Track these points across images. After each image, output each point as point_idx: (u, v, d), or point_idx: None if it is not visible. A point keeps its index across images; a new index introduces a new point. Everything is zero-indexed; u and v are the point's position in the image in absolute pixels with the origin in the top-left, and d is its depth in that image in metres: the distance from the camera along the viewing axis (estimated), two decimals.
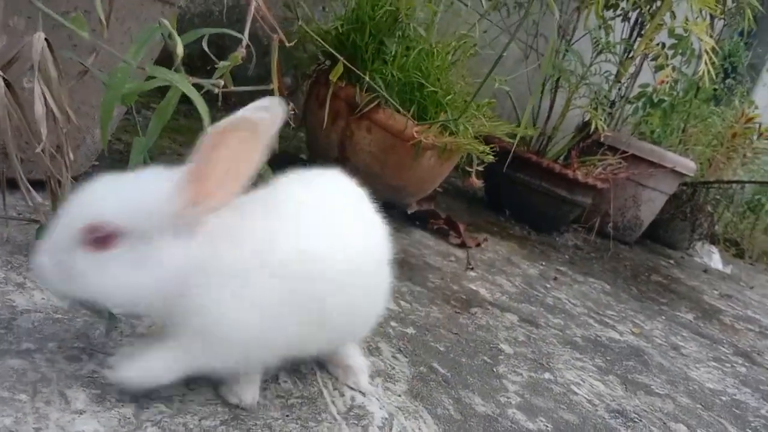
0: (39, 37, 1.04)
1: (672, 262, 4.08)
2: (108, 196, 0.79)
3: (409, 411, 1.10)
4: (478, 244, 2.44)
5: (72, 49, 1.27)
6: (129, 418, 0.83)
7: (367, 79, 2.12)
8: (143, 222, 0.77)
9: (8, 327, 0.93)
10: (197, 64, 1.89)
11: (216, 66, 1.16)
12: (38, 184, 1.04)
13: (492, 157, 2.25)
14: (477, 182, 2.88)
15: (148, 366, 0.84)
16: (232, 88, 1.25)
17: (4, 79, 1.02)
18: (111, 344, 0.97)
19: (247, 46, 1.26)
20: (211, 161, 0.77)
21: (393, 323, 1.43)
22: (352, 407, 1.03)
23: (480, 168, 2.38)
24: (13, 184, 1.08)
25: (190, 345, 0.83)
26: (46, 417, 0.79)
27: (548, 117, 3.39)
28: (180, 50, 1.04)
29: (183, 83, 1.01)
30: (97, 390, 0.86)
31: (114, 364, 0.85)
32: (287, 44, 1.32)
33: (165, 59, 1.42)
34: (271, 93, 1.40)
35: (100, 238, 0.76)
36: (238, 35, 1.13)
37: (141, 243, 0.77)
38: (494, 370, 1.38)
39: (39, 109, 1.03)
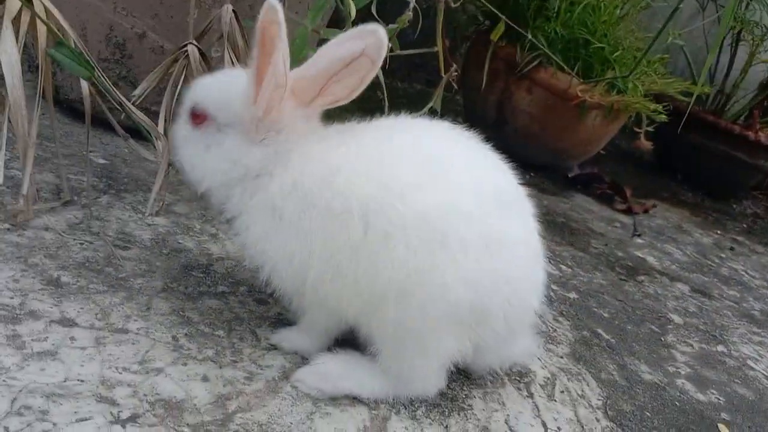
0: (227, 9, 1.14)
1: None
2: (214, 85, 0.85)
3: (572, 373, 1.09)
4: (646, 210, 2.31)
5: (253, 18, 1.37)
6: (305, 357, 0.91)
7: (529, 36, 2.06)
8: (224, 113, 0.82)
9: (206, 272, 1.05)
10: None
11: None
12: None
13: (664, 116, 2.11)
14: (646, 144, 2.71)
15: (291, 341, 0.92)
16: (398, 52, 1.28)
17: (199, 49, 1.14)
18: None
19: (413, 10, 1.28)
20: (262, 65, 0.76)
21: (554, 287, 1.41)
22: (514, 365, 1.04)
23: (650, 129, 2.24)
24: None
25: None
26: (240, 351, 0.89)
27: (727, 74, 3.08)
28: (353, 12, 1.08)
29: None
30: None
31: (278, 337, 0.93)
32: (452, 5, 1.32)
33: (335, 23, 1.48)
34: (435, 55, 1.42)
35: (196, 116, 0.84)
36: None
37: (218, 131, 0.83)
38: (662, 339, 1.32)
39: None
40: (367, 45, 0.76)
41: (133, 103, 1.09)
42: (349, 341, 0.90)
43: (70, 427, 0.67)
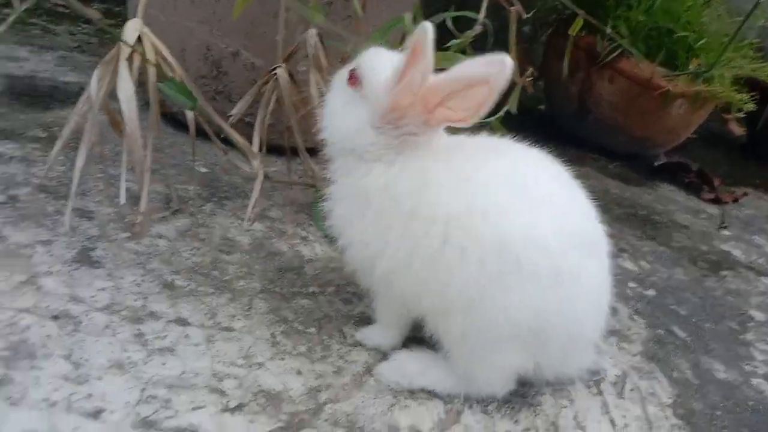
0: (312, 33, 1.24)
1: None
2: (378, 59, 0.89)
3: (644, 371, 1.13)
4: (736, 200, 2.24)
5: (333, 37, 1.46)
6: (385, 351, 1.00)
7: (608, 29, 2.05)
8: (370, 87, 0.87)
9: (298, 273, 1.16)
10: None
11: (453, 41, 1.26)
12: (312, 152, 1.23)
13: (752, 105, 2.04)
14: (737, 129, 2.61)
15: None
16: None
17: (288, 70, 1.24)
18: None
19: (486, 16, 1.33)
20: (405, 69, 0.81)
21: (632, 284, 1.44)
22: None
23: (740, 115, 2.17)
24: (294, 152, 1.31)
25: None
26: (329, 348, 0.99)
27: None
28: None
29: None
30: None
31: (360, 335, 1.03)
32: (523, 17, 1.36)
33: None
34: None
35: (353, 77, 0.90)
36: (474, 16, 1.20)
37: (360, 97, 0.89)
38: (741, 337, 1.33)
39: (314, 93, 1.23)
40: (492, 73, 0.79)
41: (229, 121, 1.21)
42: (426, 339, 0.98)
43: (189, 414, 0.80)
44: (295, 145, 1.29)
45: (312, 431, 0.82)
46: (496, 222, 0.82)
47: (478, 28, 1.30)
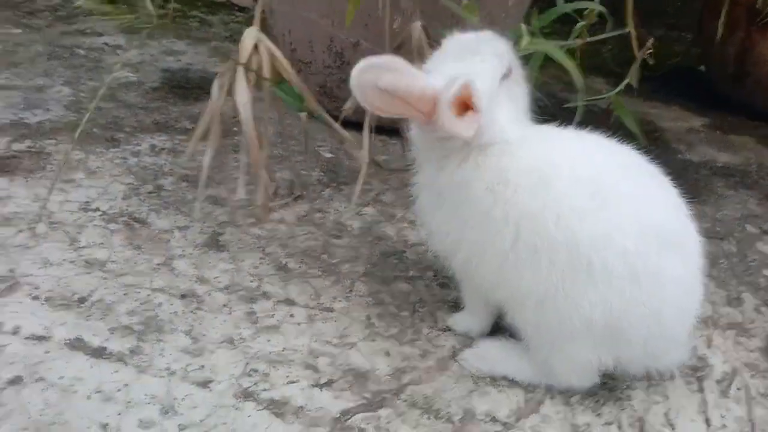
0: (417, 26, 1.28)
1: None
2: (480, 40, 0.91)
3: (759, 369, 1.06)
4: None
5: (452, 25, 1.48)
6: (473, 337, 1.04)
7: None
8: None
9: (400, 257, 1.23)
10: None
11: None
12: None
13: None
14: None
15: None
16: (587, 39, 1.30)
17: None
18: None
19: None
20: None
21: (765, 271, 1.33)
22: (690, 356, 1.05)
23: None
24: None
25: None
26: (420, 331, 1.05)
27: None
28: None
29: (554, 50, 1.09)
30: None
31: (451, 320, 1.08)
32: None
33: None
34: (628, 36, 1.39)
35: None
36: (593, 6, 1.16)
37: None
38: None
39: None
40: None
41: (344, 113, 1.29)
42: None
43: (283, 387, 0.91)
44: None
45: (390, 410, 0.90)
46: (568, 226, 0.83)
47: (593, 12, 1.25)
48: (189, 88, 1.86)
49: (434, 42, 1.33)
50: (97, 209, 1.24)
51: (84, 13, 2.33)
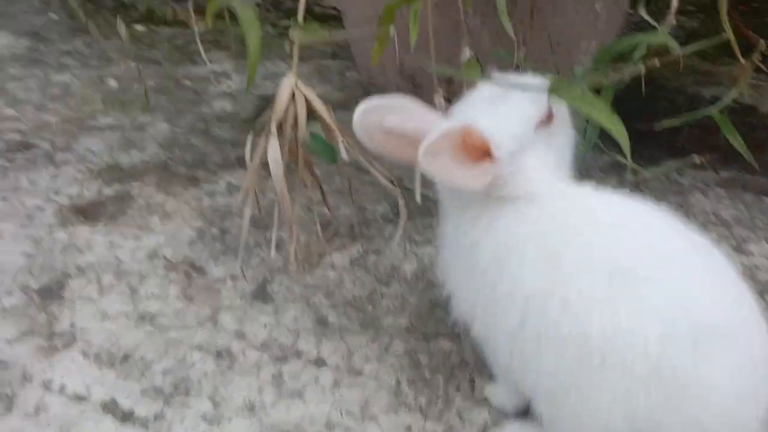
0: (465, 53, 1.18)
1: None
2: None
3: None
4: None
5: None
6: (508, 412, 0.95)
7: None
8: None
9: (449, 309, 1.15)
10: None
11: None
12: None
13: None
14: None
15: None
16: (679, 51, 1.11)
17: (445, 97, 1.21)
18: None
19: None
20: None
21: None
22: None
23: None
24: None
25: None
26: (452, 401, 0.98)
27: None
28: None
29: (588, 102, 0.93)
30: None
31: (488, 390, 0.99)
32: None
33: None
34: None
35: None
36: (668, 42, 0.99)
37: None
38: None
39: None
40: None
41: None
42: None
43: None
44: None
45: None
46: (577, 313, 0.71)
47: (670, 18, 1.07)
48: None
49: (490, 67, 1.23)
50: (163, 257, 1.30)
51: (197, 40, 2.45)
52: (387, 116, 0.77)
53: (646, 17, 1.09)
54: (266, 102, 1.98)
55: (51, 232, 1.35)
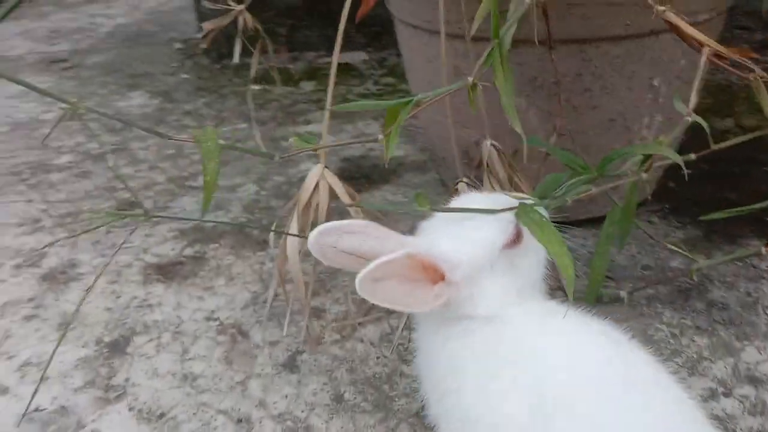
0: (487, 145, 1.20)
1: None
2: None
3: None
4: None
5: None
6: None
7: None
8: None
9: None
10: None
11: None
12: None
13: None
14: None
15: None
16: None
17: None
18: None
19: None
20: None
21: None
22: None
23: None
24: None
25: None
26: None
27: None
28: None
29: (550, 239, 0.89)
30: None
31: None
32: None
33: None
34: None
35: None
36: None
37: None
38: None
39: None
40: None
41: None
42: None
43: None
44: None
45: None
46: None
47: None
48: (356, 178, 1.98)
49: (509, 158, 1.24)
50: (217, 319, 1.43)
51: (302, 100, 2.64)
52: (342, 238, 0.80)
53: None
54: (351, 163, 2.09)
55: (132, 289, 1.54)
